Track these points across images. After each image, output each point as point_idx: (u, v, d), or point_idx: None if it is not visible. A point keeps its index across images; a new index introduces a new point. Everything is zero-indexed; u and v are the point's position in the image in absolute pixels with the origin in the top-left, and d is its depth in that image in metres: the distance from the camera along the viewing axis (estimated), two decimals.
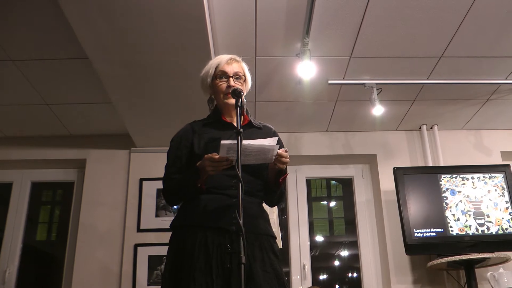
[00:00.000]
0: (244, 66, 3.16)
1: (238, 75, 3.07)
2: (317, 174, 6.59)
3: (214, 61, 3.14)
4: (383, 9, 4.23)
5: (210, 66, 3.11)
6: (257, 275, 2.68)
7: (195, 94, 4.60)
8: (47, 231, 6.83)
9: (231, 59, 3.11)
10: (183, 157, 3.01)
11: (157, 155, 5.69)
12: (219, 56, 3.16)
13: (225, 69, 3.06)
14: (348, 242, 6.68)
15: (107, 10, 3.72)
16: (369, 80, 5.16)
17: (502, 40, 4.68)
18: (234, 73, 3.06)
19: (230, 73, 3.05)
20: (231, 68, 3.06)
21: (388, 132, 6.34)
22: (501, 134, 6.38)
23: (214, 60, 3.15)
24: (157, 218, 5.75)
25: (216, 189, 2.87)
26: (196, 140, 3.00)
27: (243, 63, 3.17)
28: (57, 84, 5.07)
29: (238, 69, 3.09)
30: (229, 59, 3.10)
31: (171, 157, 3.08)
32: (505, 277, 5.23)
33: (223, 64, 3.07)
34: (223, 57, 3.11)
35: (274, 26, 4.39)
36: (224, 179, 2.86)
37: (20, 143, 6.10)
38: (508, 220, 5.41)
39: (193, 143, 3.00)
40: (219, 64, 3.08)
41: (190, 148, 3.00)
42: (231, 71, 3.05)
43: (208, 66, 3.14)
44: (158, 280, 5.42)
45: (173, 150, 3.08)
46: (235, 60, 3.12)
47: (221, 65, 3.07)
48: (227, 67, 3.06)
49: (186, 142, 3.04)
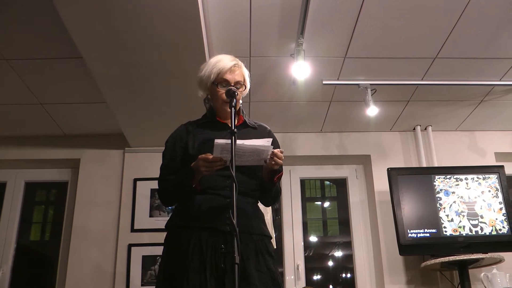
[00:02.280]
0: (245, 72, 3.13)
1: (239, 84, 3.04)
2: (311, 174, 6.60)
3: (216, 64, 3.06)
4: (378, 10, 4.24)
5: (212, 70, 3.04)
6: (251, 275, 2.69)
7: (189, 94, 4.62)
8: (41, 231, 6.81)
9: (234, 66, 3.06)
10: (177, 158, 3.01)
11: (151, 155, 5.71)
12: (221, 58, 3.09)
13: (227, 77, 3.01)
14: (342, 243, 6.68)
15: (101, 10, 3.71)
16: (364, 81, 5.17)
17: (496, 42, 4.69)
18: (235, 82, 3.02)
19: (232, 82, 3.01)
20: (233, 77, 3.02)
21: (382, 132, 6.35)
22: (495, 135, 6.39)
23: (216, 63, 3.06)
24: (151, 218, 5.75)
25: (210, 189, 2.87)
26: (190, 140, 3.00)
27: (244, 69, 3.13)
28: (51, 83, 5.06)
29: (240, 77, 3.06)
30: (232, 66, 3.04)
31: (166, 158, 3.08)
32: (498, 278, 5.23)
33: (225, 72, 3.02)
34: (226, 63, 3.05)
35: (269, 26, 4.40)
36: (218, 180, 2.86)
37: (14, 143, 6.08)
38: (501, 221, 5.42)
39: (187, 143, 3.00)
40: (222, 71, 3.02)
41: (184, 149, 3.00)
42: (233, 80, 3.02)
43: (208, 67, 3.08)
44: (152, 280, 5.42)
45: (168, 151, 3.08)
46: (237, 67, 3.07)
47: (223, 72, 3.01)
48: (229, 76, 3.02)
49: (181, 143, 3.04)
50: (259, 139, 2.75)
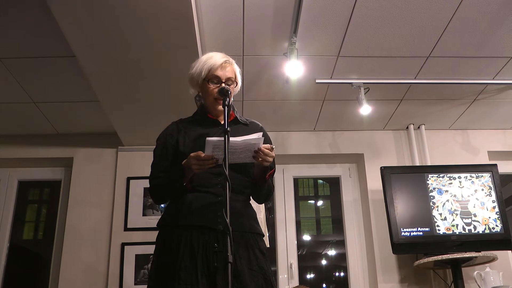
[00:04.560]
0: (236, 69, 3.12)
1: (230, 81, 3.03)
2: (305, 173, 6.60)
3: (207, 60, 3.05)
4: (371, 9, 4.24)
5: (203, 67, 3.03)
6: (243, 274, 2.68)
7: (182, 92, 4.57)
8: (34, 230, 6.81)
9: (225, 63, 3.05)
10: (169, 156, 3.01)
11: (145, 153, 5.66)
12: (212, 55, 3.09)
13: (218, 74, 3.00)
14: (335, 241, 6.70)
15: (94, 9, 3.70)
16: (357, 80, 5.17)
17: (489, 41, 4.70)
18: (227, 78, 3.01)
19: (223, 79, 3.00)
20: (224, 73, 3.01)
21: (376, 131, 6.36)
22: (488, 134, 6.41)
23: (207, 60, 3.06)
24: (144, 217, 5.74)
25: (201, 187, 2.87)
26: (181, 138, 3.00)
27: (235, 65, 3.12)
28: (45, 82, 5.05)
29: (231, 74, 3.05)
30: (223, 62, 3.04)
31: (157, 156, 3.07)
32: (491, 276, 5.25)
33: (216, 68, 3.01)
34: (217, 59, 3.04)
35: (262, 25, 4.39)
36: (209, 177, 2.86)
37: (6, 142, 6.06)
38: (494, 220, 5.43)
39: (178, 141, 3.00)
40: (212, 67, 3.01)
41: (175, 146, 3.00)
42: (224, 77, 3.01)
43: (199, 63, 3.07)
44: (145, 279, 5.41)
45: (158, 149, 3.08)
46: (228, 63, 3.07)
47: (214, 68, 3.01)
48: (220, 72, 3.01)
49: (172, 141, 3.03)
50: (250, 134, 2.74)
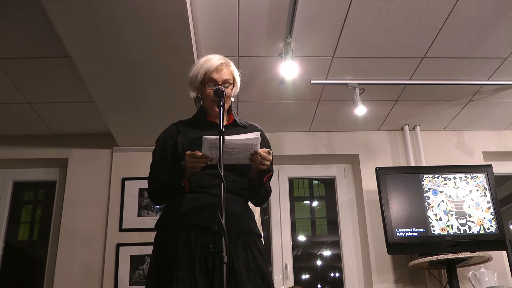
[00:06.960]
0: (233, 70, 3.12)
1: (227, 82, 3.04)
2: (300, 174, 6.60)
3: (204, 64, 3.06)
4: (366, 10, 4.24)
5: (199, 70, 3.04)
6: (241, 274, 2.69)
7: (178, 93, 4.62)
8: (29, 231, 6.80)
9: (221, 65, 3.05)
10: (168, 157, 3.02)
11: (140, 154, 5.71)
12: (209, 58, 3.09)
13: (214, 76, 3.01)
14: (330, 242, 6.70)
15: (89, 9, 3.70)
16: (352, 80, 5.18)
17: (484, 41, 4.71)
18: (223, 80, 3.02)
19: (219, 81, 3.01)
20: (220, 76, 3.02)
21: (371, 132, 6.36)
22: (483, 134, 6.42)
23: (204, 63, 3.07)
24: (139, 218, 5.73)
25: (199, 188, 2.88)
26: (180, 139, 3.01)
27: (233, 67, 3.13)
28: (39, 82, 5.03)
29: (228, 75, 3.05)
30: (218, 65, 3.04)
31: (156, 157, 3.08)
32: (486, 277, 5.26)
33: (212, 71, 3.02)
34: (213, 62, 3.05)
35: (257, 25, 4.39)
36: (207, 178, 2.87)
37: (1, 142, 6.04)
38: (489, 220, 5.44)
39: (177, 142, 3.00)
40: (208, 71, 3.02)
41: (174, 148, 3.01)
42: (220, 79, 3.01)
43: (197, 67, 3.09)
44: (140, 280, 5.41)
45: (158, 150, 3.08)
46: (225, 65, 3.07)
47: (210, 71, 3.02)
48: (216, 75, 3.02)
49: (171, 142, 3.04)
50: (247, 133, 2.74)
